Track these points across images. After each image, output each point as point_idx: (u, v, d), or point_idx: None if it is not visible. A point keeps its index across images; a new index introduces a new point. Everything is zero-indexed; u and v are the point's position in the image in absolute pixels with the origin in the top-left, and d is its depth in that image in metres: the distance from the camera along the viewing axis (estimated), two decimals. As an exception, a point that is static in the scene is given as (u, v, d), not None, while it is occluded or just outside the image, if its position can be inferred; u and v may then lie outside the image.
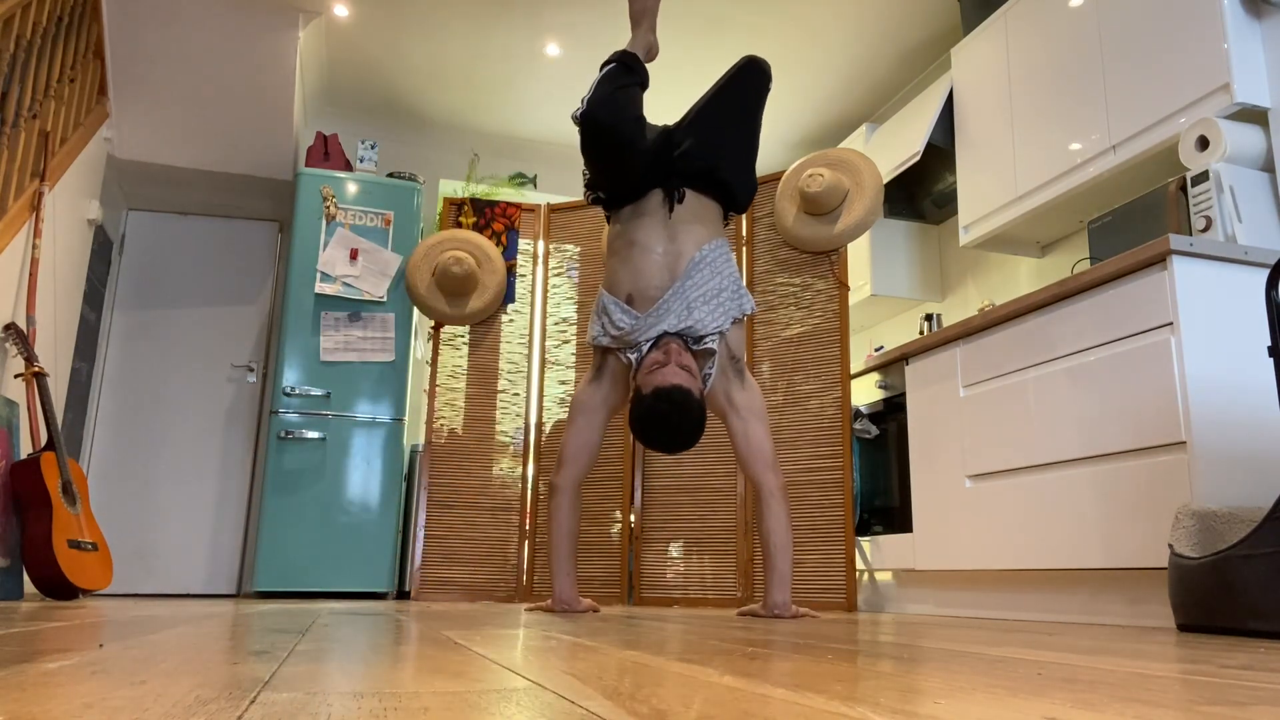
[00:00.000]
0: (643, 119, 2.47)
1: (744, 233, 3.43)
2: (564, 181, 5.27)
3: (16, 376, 3.24)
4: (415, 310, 4.16)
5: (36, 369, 3.18)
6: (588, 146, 2.45)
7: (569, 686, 0.66)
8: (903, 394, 3.20)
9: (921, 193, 4.21)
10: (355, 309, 4.11)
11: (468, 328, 3.68)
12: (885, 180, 3.88)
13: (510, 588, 3.38)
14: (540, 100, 4.82)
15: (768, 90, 2.51)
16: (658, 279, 2.37)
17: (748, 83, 2.48)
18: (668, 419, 2.15)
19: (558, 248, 3.71)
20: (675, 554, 3.27)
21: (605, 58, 2.50)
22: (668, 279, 2.37)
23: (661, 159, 2.44)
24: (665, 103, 4.80)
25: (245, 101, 4.21)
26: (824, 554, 3.01)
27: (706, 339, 2.33)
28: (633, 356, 2.35)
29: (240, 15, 3.90)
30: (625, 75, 2.45)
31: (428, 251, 3.63)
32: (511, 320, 3.68)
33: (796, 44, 4.27)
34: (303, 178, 4.21)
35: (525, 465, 3.54)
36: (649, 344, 2.32)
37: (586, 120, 2.38)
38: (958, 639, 1.35)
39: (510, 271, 3.69)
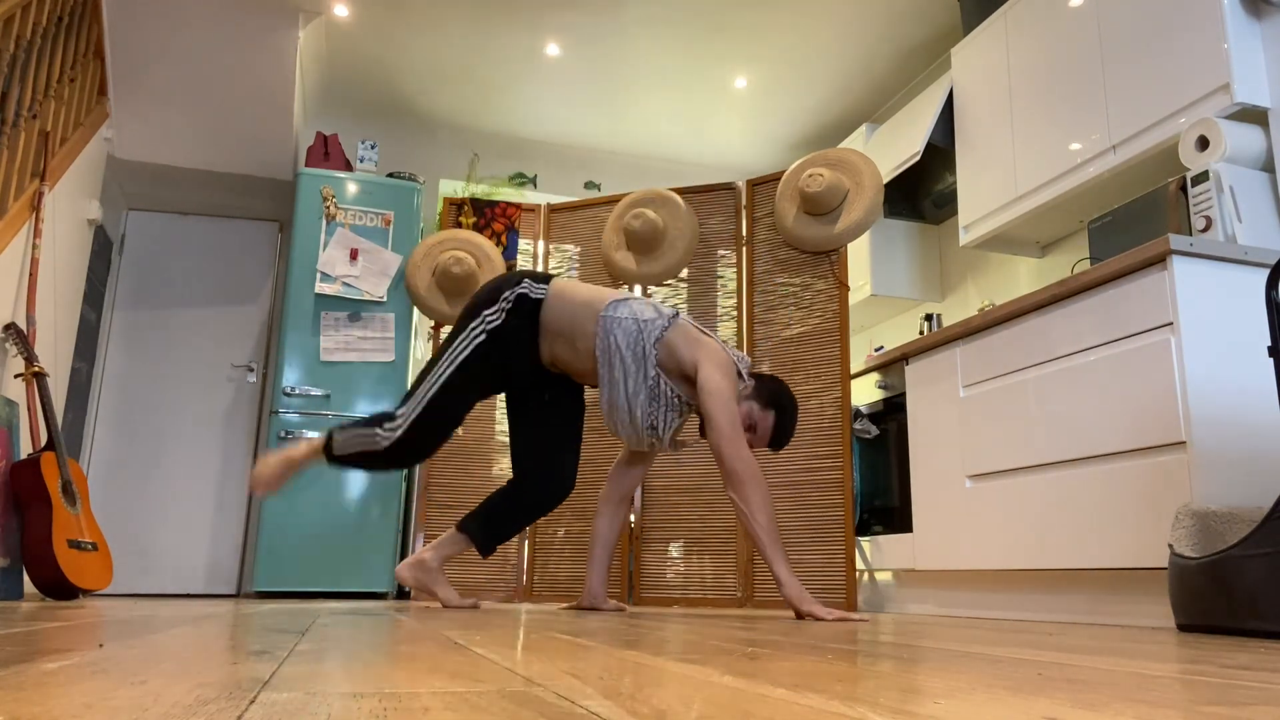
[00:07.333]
0: None
1: (744, 232, 3.43)
2: (564, 181, 5.27)
3: (16, 376, 3.24)
4: (415, 310, 4.16)
5: (36, 369, 3.18)
6: None
7: (569, 686, 0.66)
8: (903, 394, 3.20)
9: (921, 193, 4.21)
10: (355, 309, 4.11)
11: (468, 328, 3.67)
12: (885, 180, 3.88)
13: (510, 588, 3.38)
14: (540, 100, 4.82)
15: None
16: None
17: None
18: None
19: (558, 248, 3.70)
20: (675, 554, 3.27)
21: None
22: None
23: None
24: (664, 105, 4.80)
25: (245, 101, 4.21)
26: (824, 554, 3.01)
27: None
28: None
29: (240, 15, 3.90)
30: None
31: (428, 251, 3.62)
32: (511, 320, 3.67)
33: (796, 44, 4.27)
34: (303, 178, 4.21)
35: (525, 465, 3.53)
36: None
37: None
38: (958, 639, 1.35)
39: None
